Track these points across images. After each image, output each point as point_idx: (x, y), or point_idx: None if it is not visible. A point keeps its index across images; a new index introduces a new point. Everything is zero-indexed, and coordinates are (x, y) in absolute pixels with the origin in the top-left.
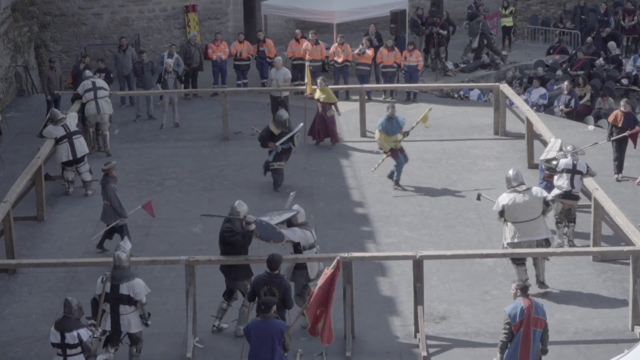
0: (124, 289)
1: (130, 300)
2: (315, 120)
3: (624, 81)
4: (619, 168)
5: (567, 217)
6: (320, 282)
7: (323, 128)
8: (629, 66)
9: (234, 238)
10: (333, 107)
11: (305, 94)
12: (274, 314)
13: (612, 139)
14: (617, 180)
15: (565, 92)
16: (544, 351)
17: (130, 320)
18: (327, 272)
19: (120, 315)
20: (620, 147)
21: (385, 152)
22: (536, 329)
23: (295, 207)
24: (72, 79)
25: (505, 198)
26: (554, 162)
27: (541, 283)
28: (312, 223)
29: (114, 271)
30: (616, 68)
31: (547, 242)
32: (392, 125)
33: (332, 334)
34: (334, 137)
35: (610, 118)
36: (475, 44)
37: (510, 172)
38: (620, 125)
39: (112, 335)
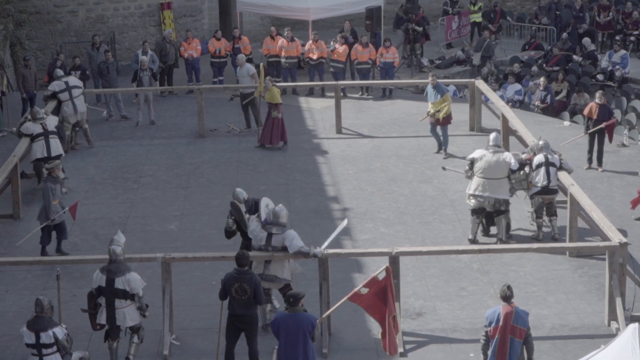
0: (119, 283)
1: (126, 295)
2: (264, 122)
3: (600, 77)
4: (599, 161)
5: (548, 211)
6: (374, 289)
7: (266, 130)
8: (604, 62)
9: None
10: (276, 108)
11: (257, 94)
12: (302, 307)
13: (588, 131)
14: (600, 171)
15: (541, 87)
16: None
17: (126, 314)
18: (377, 278)
19: (115, 310)
20: (598, 140)
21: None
22: (514, 337)
23: (279, 206)
24: (48, 77)
25: (478, 152)
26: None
27: (500, 240)
28: (288, 219)
29: (110, 265)
30: (591, 64)
31: (506, 203)
32: (433, 92)
33: (396, 345)
34: (277, 140)
35: (586, 111)
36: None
37: (491, 135)
38: (595, 117)
39: (110, 329)
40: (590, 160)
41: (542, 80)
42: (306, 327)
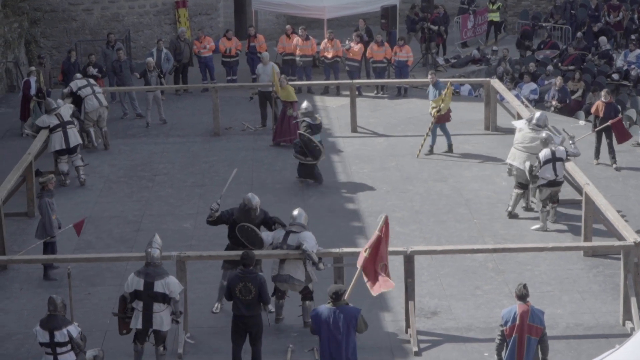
0: (159, 286)
1: (165, 298)
2: (278, 120)
3: (615, 76)
4: (612, 158)
5: (551, 199)
6: (370, 243)
7: (281, 128)
8: (619, 61)
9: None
10: (292, 106)
11: (273, 93)
12: (344, 301)
13: (595, 130)
14: (616, 169)
15: (557, 87)
16: None
17: (163, 319)
18: (376, 232)
19: (153, 314)
20: (607, 137)
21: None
22: (531, 336)
23: (298, 210)
24: (62, 75)
25: (520, 123)
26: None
27: (524, 208)
28: (307, 222)
29: (148, 268)
30: (607, 63)
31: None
32: (433, 91)
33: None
34: (293, 137)
35: (592, 109)
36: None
37: (537, 113)
38: (601, 115)
39: (141, 332)
40: (597, 155)
41: (558, 79)
42: (350, 320)
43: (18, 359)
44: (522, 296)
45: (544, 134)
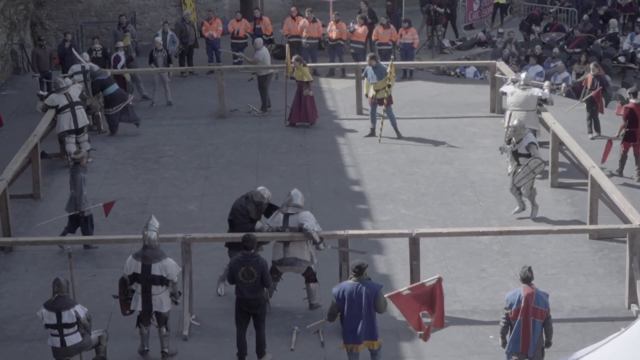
0: (156, 269)
1: (162, 281)
2: (294, 101)
3: (621, 59)
4: (597, 128)
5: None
6: (416, 292)
7: (298, 109)
8: (626, 44)
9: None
10: (307, 86)
11: (285, 73)
12: (365, 275)
13: (582, 100)
14: (591, 138)
15: (563, 75)
16: (548, 344)
17: (162, 300)
18: (424, 284)
19: (152, 296)
20: (593, 108)
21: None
22: (536, 319)
23: (294, 191)
24: (59, 59)
25: (509, 88)
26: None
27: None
28: (308, 201)
29: (145, 251)
30: (613, 46)
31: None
32: (372, 73)
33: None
34: (310, 118)
35: (583, 82)
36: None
37: (522, 74)
38: (589, 87)
39: (143, 315)
40: (590, 128)
41: (559, 64)
42: (371, 294)
43: (24, 341)
44: (527, 279)
45: (516, 122)
